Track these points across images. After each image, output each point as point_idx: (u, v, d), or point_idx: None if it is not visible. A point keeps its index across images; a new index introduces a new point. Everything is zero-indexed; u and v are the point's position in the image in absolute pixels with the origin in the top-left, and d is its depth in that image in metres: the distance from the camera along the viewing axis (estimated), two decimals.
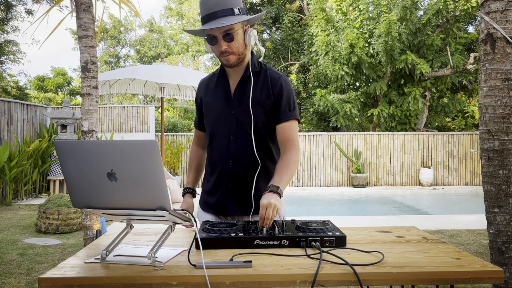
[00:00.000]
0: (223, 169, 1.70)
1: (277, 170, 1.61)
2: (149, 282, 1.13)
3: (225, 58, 1.63)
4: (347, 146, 10.16)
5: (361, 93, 11.29)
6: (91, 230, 3.43)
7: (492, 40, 2.44)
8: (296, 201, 8.46)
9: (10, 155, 7.35)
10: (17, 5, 15.66)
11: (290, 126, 1.68)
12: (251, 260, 1.22)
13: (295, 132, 1.70)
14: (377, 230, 1.66)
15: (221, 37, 1.58)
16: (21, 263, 3.83)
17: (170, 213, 1.21)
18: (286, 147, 1.67)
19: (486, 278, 1.17)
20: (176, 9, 26.37)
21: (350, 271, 1.15)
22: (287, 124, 1.68)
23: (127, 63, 26.16)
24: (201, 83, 1.85)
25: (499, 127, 2.44)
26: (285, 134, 1.68)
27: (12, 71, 36.43)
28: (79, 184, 1.25)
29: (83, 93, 3.51)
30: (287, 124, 1.68)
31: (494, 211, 2.47)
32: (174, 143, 10.06)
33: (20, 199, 7.85)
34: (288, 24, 14.55)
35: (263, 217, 1.44)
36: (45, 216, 5.06)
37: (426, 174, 9.86)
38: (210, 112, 1.75)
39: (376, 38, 10.03)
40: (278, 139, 1.70)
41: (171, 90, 7.48)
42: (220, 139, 1.71)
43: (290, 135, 1.68)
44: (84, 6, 3.47)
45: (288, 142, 1.67)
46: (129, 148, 1.16)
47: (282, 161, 1.64)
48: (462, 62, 10.20)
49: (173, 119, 17.03)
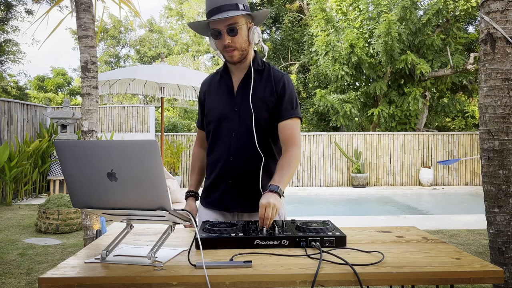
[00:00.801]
0: (224, 165, 1.70)
1: (278, 169, 1.61)
2: (149, 282, 1.13)
3: (228, 53, 1.64)
4: (347, 146, 10.16)
5: (361, 93, 11.29)
6: (91, 230, 3.43)
7: (492, 40, 2.44)
8: (296, 201, 8.46)
9: (10, 155, 7.35)
10: (17, 5, 15.67)
11: (292, 124, 1.69)
12: (251, 260, 1.22)
13: (297, 131, 1.70)
14: (377, 230, 1.66)
15: (225, 31, 1.61)
16: (21, 263, 3.83)
17: (170, 213, 1.21)
18: (287, 145, 1.67)
19: (486, 278, 1.16)
20: (176, 9, 26.38)
21: (350, 271, 1.15)
22: (289, 122, 1.68)
23: (127, 63, 26.17)
24: (204, 82, 1.86)
25: (499, 127, 2.44)
26: (286, 132, 1.68)
27: (12, 71, 36.48)
28: (79, 184, 1.25)
29: (83, 93, 3.51)
30: (289, 122, 1.68)
31: (494, 211, 2.47)
32: (174, 143, 10.06)
33: (20, 199, 7.85)
34: (288, 24, 14.56)
35: (262, 217, 1.44)
36: (45, 216, 5.06)
37: (426, 174, 9.86)
38: (213, 108, 1.75)
39: (376, 38, 10.03)
40: (280, 137, 1.70)
41: (171, 90, 7.47)
42: (222, 136, 1.71)
43: (291, 133, 1.68)
44: (84, 6, 3.47)
45: (290, 140, 1.67)
46: (129, 148, 1.16)
47: (283, 160, 1.64)
48: (462, 62, 10.20)
49: (173, 119, 17.03)
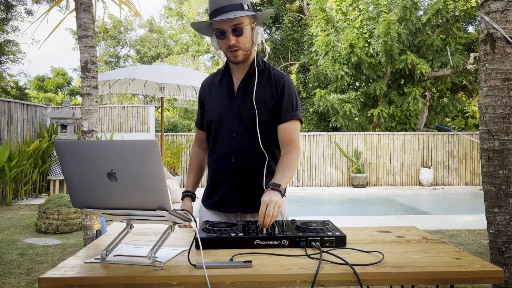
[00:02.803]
0: (226, 166, 1.70)
1: (279, 170, 1.61)
2: (149, 282, 1.13)
3: (233, 53, 1.64)
4: (347, 146, 10.16)
5: (361, 93, 11.29)
6: (91, 230, 3.43)
7: (492, 40, 2.44)
8: (296, 201, 8.45)
9: (10, 155, 7.35)
10: (17, 5, 15.67)
11: (291, 127, 1.68)
12: (251, 260, 1.22)
13: (297, 133, 1.70)
14: (377, 230, 1.66)
15: (230, 31, 1.59)
16: (21, 263, 3.83)
17: (170, 213, 1.21)
18: (287, 148, 1.67)
19: (486, 278, 1.16)
20: (176, 9, 26.37)
21: (350, 271, 1.15)
22: (289, 124, 1.68)
23: (127, 63, 26.17)
24: (204, 83, 1.85)
25: (499, 127, 2.44)
26: (286, 135, 1.67)
27: (12, 71, 36.47)
28: (79, 184, 1.25)
29: (83, 93, 3.51)
30: (289, 124, 1.68)
31: (494, 211, 2.47)
32: (174, 143, 10.06)
33: (20, 199, 7.85)
34: (288, 24, 14.56)
35: (263, 214, 1.42)
36: (45, 216, 5.06)
37: (426, 174, 9.86)
38: (213, 108, 1.75)
39: (376, 38, 10.03)
40: (280, 139, 1.69)
41: (171, 90, 7.47)
42: (223, 136, 1.71)
43: (291, 136, 1.68)
44: (84, 6, 3.47)
45: (289, 143, 1.67)
46: (129, 148, 1.16)
47: (284, 161, 1.63)
48: (462, 62, 10.20)
49: (173, 119, 17.02)
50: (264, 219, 1.42)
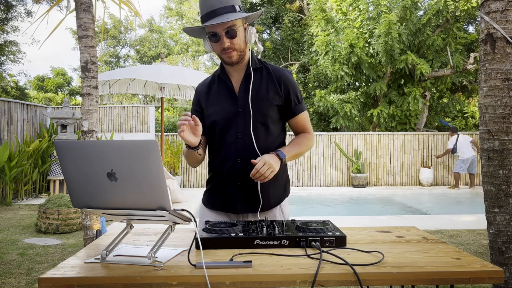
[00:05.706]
0: (232, 167, 1.69)
1: (290, 143, 1.72)
2: (149, 282, 1.13)
3: (227, 55, 1.63)
4: (347, 146, 10.16)
5: (361, 93, 11.29)
6: (91, 230, 3.43)
7: (492, 40, 2.44)
8: (296, 201, 8.45)
9: (10, 155, 7.35)
10: (17, 5, 15.67)
11: (302, 119, 1.78)
12: (251, 260, 1.22)
13: (308, 122, 1.82)
14: (377, 230, 1.66)
15: (224, 34, 1.59)
16: (21, 263, 3.83)
17: (170, 213, 1.21)
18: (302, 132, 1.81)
19: (486, 278, 1.16)
20: (176, 9, 26.37)
21: (350, 271, 1.15)
22: (299, 117, 1.77)
23: (127, 63, 26.16)
24: (200, 89, 1.80)
25: (499, 127, 2.44)
26: (300, 126, 1.80)
27: (12, 71, 36.46)
28: (79, 184, 1.25)
29: (83, 93, 3.51)
30: (299, 117, 1.77)
31: (494, 211, 2.47)
32: (174, 143, 10.06)
33: (20, 199, 7.85)
34: (288, 24, 14.56)
35: (257, 169, 1.53)
36: (45, 216, 5.06)
37: (426, 174, 9.86)
38: (216, 112, 1.72)
39: (376, 38, 10.03)
40: (293, 130, 1.82)
41: (171, 90, 7.47)
42: (228, 138, 1.70)
43: (304, 125, 1.80)
44: (84, 6, 3.47)
45: (304, 130, 1.81)
46: (129, 148, 1.16)
47: (297, 138, 1.77)
48: (462, 62, 10.20)
49: (173, 119, 17.00)
50: (256, 174, 1.54)
